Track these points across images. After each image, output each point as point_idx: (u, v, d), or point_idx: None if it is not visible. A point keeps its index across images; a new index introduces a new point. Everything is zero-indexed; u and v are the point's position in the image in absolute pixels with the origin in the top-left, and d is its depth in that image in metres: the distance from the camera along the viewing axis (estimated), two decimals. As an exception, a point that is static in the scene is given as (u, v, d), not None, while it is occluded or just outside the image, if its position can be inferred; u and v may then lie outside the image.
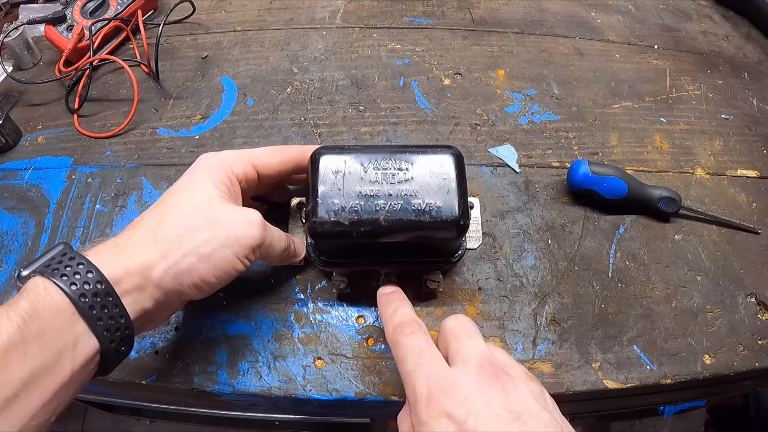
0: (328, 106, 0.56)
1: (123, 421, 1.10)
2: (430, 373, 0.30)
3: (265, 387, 0.40)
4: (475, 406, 0.28)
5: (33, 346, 0.26)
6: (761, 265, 0.47)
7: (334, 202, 0.36)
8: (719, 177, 0.53)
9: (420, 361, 0.31)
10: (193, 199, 0.35)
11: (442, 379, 0.30)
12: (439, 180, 0.37)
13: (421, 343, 0.32)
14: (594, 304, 0.44)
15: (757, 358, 0.43)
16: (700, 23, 0.71)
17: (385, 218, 0.36)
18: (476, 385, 0.29)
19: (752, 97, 0.61)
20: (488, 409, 0.28)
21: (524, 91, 0.58)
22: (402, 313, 0.35)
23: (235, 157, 0.38)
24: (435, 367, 0.31)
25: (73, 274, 0.28)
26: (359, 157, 0.37)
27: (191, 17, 0.65)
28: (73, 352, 0.28)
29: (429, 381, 0.30)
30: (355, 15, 0.66)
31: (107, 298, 0.29)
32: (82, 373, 0.28)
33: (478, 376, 0.29)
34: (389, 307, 0.36)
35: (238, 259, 0.34)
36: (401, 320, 0.34)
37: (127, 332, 0.30)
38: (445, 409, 0.28)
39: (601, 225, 0.49)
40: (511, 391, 0.29)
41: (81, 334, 0.28)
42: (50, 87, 0.58)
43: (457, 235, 0.37)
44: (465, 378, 0.29)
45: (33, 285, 0.28)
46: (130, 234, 0.33)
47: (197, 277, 0.33)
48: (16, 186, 0.50)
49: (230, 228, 0.34)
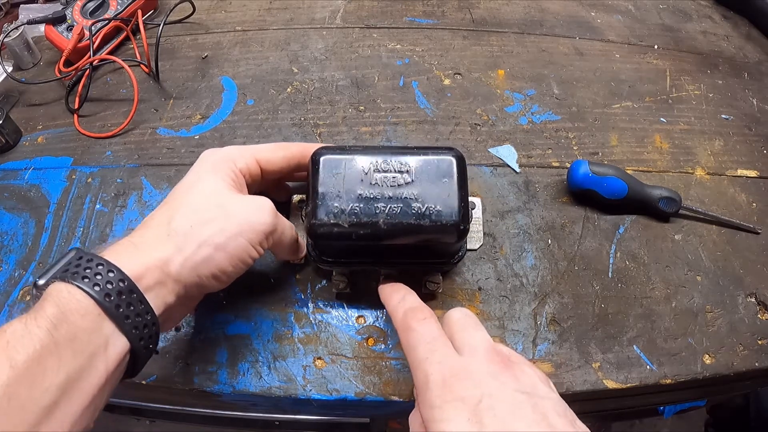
0: (328, 106, 0.56)
1: (123, 421, 1.10)
2: (443, 360, 0.30)
3: (265, 387, 0.40)
4: (489, 388, 0.28)
5: (66, 351, 0.25)
6: (761, 265, 0.47)
7: (334, 205, 0.36)
8: (719, 177, 0.53)
9: (434, 348, 0.31)
10: (202, 192, 0.35)
11: (456, 366, 0.30)
12: (440, 183, 0.36)
13: (434, 330, 0.32)
14: (594, 304, 0.44)
15: (757, 358, 0.43)
16: (700, 23, 0.71)
17: (384, 221, 0.36)
18: (487, 370, 0.29)
19: (752, 97, 0.61)
20: (501, 390, 0.28)
21: (524, 91, 0.58)
22: (412, 299, 0.35)
23: (237, 152, 0.38)
24: (448, 354, 0.31)
25: (94, 275, 0.28)
26: (360, 159, 0.37)
27: (191, 17, 0.65)
28: (105, 354, 0.27)
29: (442, 368, 0.30)
30: (355, 15, 0.66)
31: (132, 295, 0.29)
32: (115, 374, 0.28)
33: (488, 363, 0.30)
34: (397, 294, 0.36)
35: (253, 246, 0.34)
36: (412, 306, 0.34)
37: (154, 329, 0.30)
38: (459, 394, 0.28)
39: (601, 225, 0.49)
40: (520, 375, 0.30)
41: (110, 334, 0.28)
42: (50, 87, 0.58)
43: (457, 239, 0.37)
44: (476, 365, 0.30)
45: (55, 290, 0.27)
46: (143, 232, 0.33)
47: (215, 267, 0.33)
48: (16, 186, 0.50)
49: (242, 216, 0.34)
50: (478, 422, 0.26)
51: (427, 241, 0.37)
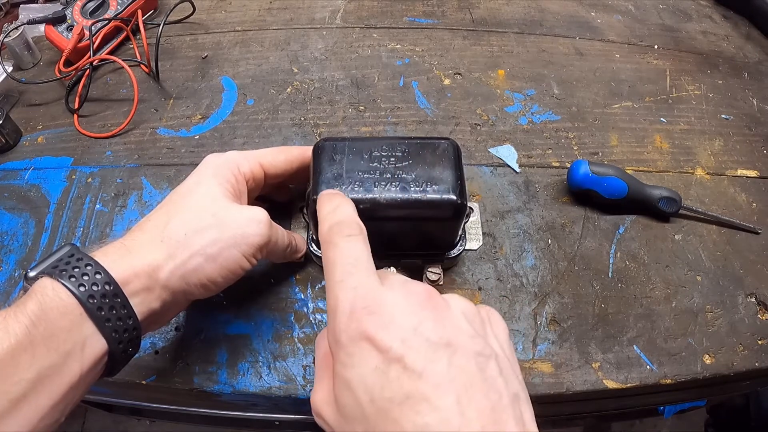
0: (328, 106, 0.56)
1: (123, 421, 1.10)
2: (358, 286, 0.26)
3: (265, 387, 0.40)
4: (402, 330, 0.24)
5: (41, 347, 0.26)
6: (761, 265, 0.47)
7: (335, 183, 0.37)
8: (719, 177, 0.53)
9: (352, 271, 0.27)
10: (200, 199, 0.35)
11: (370, 295, 0.26)
12: (437, 163, 0.38)
13: (358, 251, 0.28)
14: (594, 304, 0.44)
15: (757, 358, 0.42)
16: (700, 23, 0.71)
17: (384, 198, 0.36)
18: (404, 304, 0.26)
19: (752, 97, 0.61)
20: (416, 333, 0.24)
21: (524, 91, 0.58)
22: (344, 212, 0.31)
23: (241, 157, 0.38)
24: (365, 280, 0.27)
25: (81, 275, 0.28)
26: (360, 144, 0.39)
27: (191, 17, 0.65)
28: (82, 353, 0.28)
29: (355, 295, 0.26)
30: (355, 15, 0.66)
31: (115, 299, 0.29)
32: (90, 373, 0.28)
33: (407, 296, 0.26)
34: (329, 204, 0.32)
35: (245, 258, 0.34)
36: (341, 219, 0.30)
37: (134, 333, 0.30)
38: (366, 332, 0.24)
39: (601, 225, 0.49)
40: (443, 311, 0.26)
41: (89, 335, 0.28)
42: (50, 87, 0.58)
43: (454, 215, 0.38)
44: (393, 296, 0.26)
45: (41, 286, 0.28)
46: (137, 235, 0.33)
47: (204, 277, 0.33)
48: (16, 186, 0.50)
49: (237, 227, 0.34)
50: (385, 373, 0.24)
51: (426, 218, 0.38)
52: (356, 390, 0.24)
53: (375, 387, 0.24)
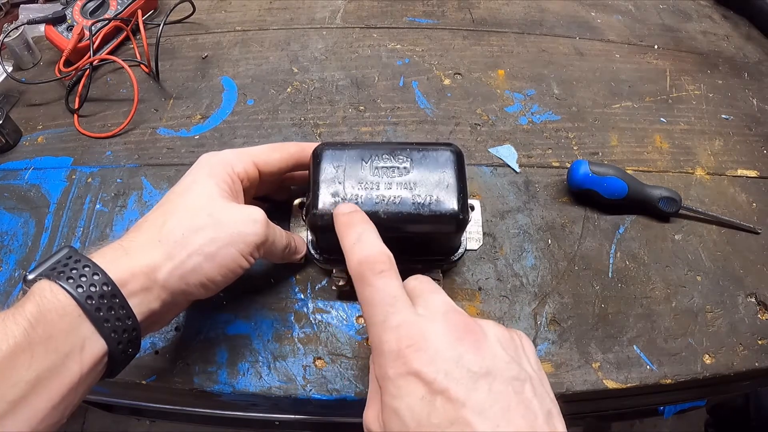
0: (328, 106, 0.56)
1: (123, 421, 1.10)
2: (400, 325, 0.28)
3: (265, 387, 0.40)
4: (446, 363, 0.26)
5: (39, 349, 0.26)
6: (761, 265, 0.47)
7: (335, 195, 0.36)
8: (719, 177, 0.53)
9: (391, 310, 0.29)
10: (196, 198, 0.35)
11: (413, 332, 0.28)
12: (439, 174, 0.37)
13: (393, 288, 0.29)
14: (594, 304, 0.44)
15: (757, 358, 0.42)
16: (700, 23, 0.71)
17: (384, 211, 0.36)
18: (446, 337, 0.27)
19: (752, 97, 0.61)
20: (458, 365, 0.26)
21: (524, 91, 0.58)
22: (369, 242, 0.32)
23: (235, 156, 0.38)
24: (407, 317, 0.28)
25: (79, 276, 0.28)
26: (360, 152, 0.38)
27: (191, 17, 0.65)
28: (81, 354, 0.28)
29: (399, 335, 0.28)
30: (355, 15, 0.66)
31: (114, 299, 0.29)
32: (90, 374, 0.28)
33: (446, 327, 0.28)
34: (352, 232, 0.32)
35: (243, 256, 0.34)
36: (370, 253, 0.31)
37: (134, 334, 0.30)
38: (414, 368, 0.26)
39: (601, 225, 0.49)
40: (482, 341, 0.28)
41: (88, 336, 0.28)
42: (50, 87, 0.58)
43: (456, 229, 0.37)
44: (434, 329, 0.28)
45: (39, 288, 0.28)
46: (135, 236, 0.33)
47: (203, 277, 0.33)
48: (16, 186, 0.50)
49: (234, 226, 0.34)
50: (431, 402, 0.26)
51: (427, 232, 0.37)
52: (404, 417, 0.26)
53: (422, 414, 0.26)
